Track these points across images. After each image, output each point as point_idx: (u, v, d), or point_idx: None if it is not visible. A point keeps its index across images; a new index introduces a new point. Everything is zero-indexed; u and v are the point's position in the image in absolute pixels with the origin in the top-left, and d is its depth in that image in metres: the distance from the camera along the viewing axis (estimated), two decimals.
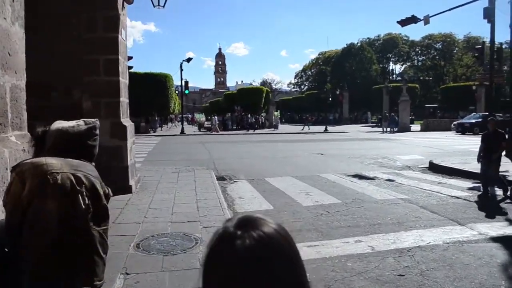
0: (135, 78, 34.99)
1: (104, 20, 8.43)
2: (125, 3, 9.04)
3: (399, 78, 77.96)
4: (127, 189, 8.59)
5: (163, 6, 9.65)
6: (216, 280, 0.84)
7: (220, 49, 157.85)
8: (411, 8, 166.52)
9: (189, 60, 35.08)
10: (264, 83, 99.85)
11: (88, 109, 8.53)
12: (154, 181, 10.24)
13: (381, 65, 78.14)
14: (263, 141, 26.28)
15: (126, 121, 9.17)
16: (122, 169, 8.62)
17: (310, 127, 42.41)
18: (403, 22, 18.33)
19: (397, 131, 35.77)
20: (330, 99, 43.25)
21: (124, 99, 9.06)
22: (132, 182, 8.86)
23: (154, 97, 35.23)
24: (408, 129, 37.97)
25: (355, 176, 11.92)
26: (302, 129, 40.60)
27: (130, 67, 12.54)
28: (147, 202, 7.86)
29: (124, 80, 9.08)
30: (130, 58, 12.12)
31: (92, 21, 8.46)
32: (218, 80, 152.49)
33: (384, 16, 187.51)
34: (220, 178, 11.67)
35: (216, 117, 42.95)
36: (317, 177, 11.62)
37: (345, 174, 12.22)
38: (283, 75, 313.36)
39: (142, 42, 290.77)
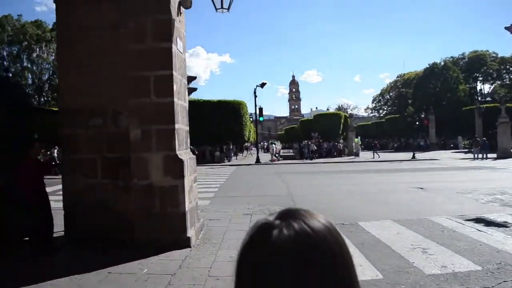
0: (208, 106, 34.17)
1: (154, 25, 6.64)
2: (181, 7, 7.24)
3: (488, 98, 71.15)
4: (184, 243, 6.58)
5: (228, 9, 7.74)
6: (247, 269, 0.76)
7: (293, 76, 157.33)
8: (485, 24, 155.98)
9: (262, 85, 33.45)
10: (339, 108, 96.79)
11: (136, 139, 6.70)
12: (220, 227, 8.15)
13: (467, 85, 71.76)
14: (345, 171, 23.54)
15: (185, 153, 7.23)
16: (178, 216, 6.63)
17: (380, 153, 38.91)
18: None
19: (488, 158, 31.58)
20: (417, 123, 39.20)
21: (181, 126, 7.15)
22: (191, 233, 6.82)
23: (228, 125, 33.94)
24: (509, 155, 33.17)
25: (477, 221, 9.04)
26: (373, 157, 36.98)
27: (193, 89, 10.96)
28: (208, 264, 5.75)
29: (181, 103, 7.20)
30: (193, 78, 10.59)
31: (140, 28, 6.72)
32: (293, 107, 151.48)
33: (465, 35, 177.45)
34: None
35: (274, 145, 41.34)
36: (428, 222, 8.94)
37: (462, 217, 9.38)
38: (357, 101, 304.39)
39: (218, 73, 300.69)
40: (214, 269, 5.52)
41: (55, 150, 21.78)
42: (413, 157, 33.75)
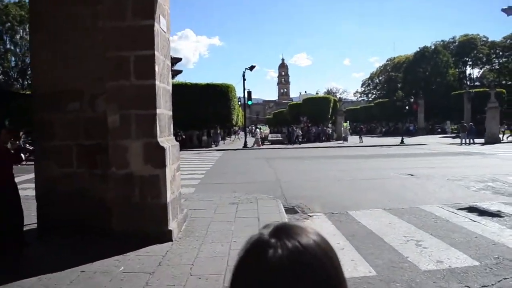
0: (196, 89, 33.46)
1: (134, 1, 6.11)
2: None
3: (477, 83, 71.38)
4: (165, 236, 6.18)
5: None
6: (242, 284, 0.80)
7: (283, 59, 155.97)
8: (479, 7, 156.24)
9: (252, 68, 32.84)
10: (329, 92, 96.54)
11: (115, 126, 6.23)
12: (205, 218, 7.75)
13: (457, 70, 71.67)
14: (334, 156, 23.25)
15: (167, 140, 6.78)
16: (159, 208, 6.21)
17: (368, 138, 38.82)
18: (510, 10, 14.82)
19: (475, 143, 31.92)
20: (407, 107, 38.99)
21: (164, 111, 6.68)
22: (173, 225, 6.42)
23: (216, 109, 33.34)
24: (498, 140, 33.27)
25: (470, 210, 8.85)
26: (360, 142, 36.79)
27: (178, 71, 10.41)
28: (190, 260, 5.37)
29: (164, 86, 6.72)
30: (178, 60, 10.03)
31: (119, 4, 6.19)
32: (282, 91, 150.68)
33: (456, 18, 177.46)
34: (290, 211, 9.14)
35: (259, 129, 40.65)
36: (420, 212, 8.70)
37: (454, 206, 9.18)
38: (347, 85, 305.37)
39: (207, 56, 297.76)
40: (196, 266, 5.13)
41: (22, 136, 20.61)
42: (402, 142, 33.67)
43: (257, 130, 39.69)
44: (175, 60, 11.23)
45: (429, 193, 10.90)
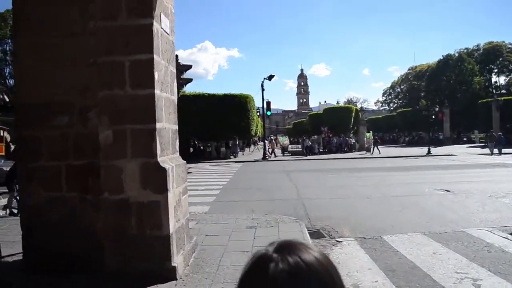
0: (214, 100, 32.65)
1: None
2: None
3: (503, 91, 68.87)
4: (168, 274, 5.14)
5: None
6: None
7: (302, 69, 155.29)
8: (503, 14, 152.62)
9: (270, 77, 31.84)
10: (349, 102, 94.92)
11: (107, 143, 5.26)
12: (217, 247, 6.69)
13: (482, 78, 69.29)
14: (358, 169, 21.95)
15: (171, 159, 5.78)
16: (160, 240, 5.19)
17: (391, 148, 37.22)
18: None
19: (502, 153, 30.19)
20: (433, 116, 37.36)
21: (166, 125, 5.69)
22: (177, 260, 5.39)
23: (234, 120, 32.43)
24: None
25: None
26: (372, 153, 35.27)
27: (188, 80, 9.45)
28: None
29: (166, 95, 5.74)
30: (188, 67, 9.10)
31: (111, 2, 5.25)
32: (301, 101, 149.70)
33: (477, 26, 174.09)
34: (315, 234, 8.10)
35: (266, 141, 37.82)
36: (467, 237, 7.50)
37: (505, 230, 8.02)
38: (366, 95, 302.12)
39: (226, 68, 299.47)
40: None
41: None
42: (429, 152, 32.07)
43: (265, 141, 37.16)
44: (184, 68, 10.37)
45: (472, 213, 9.63)
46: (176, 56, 9.60)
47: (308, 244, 0.89)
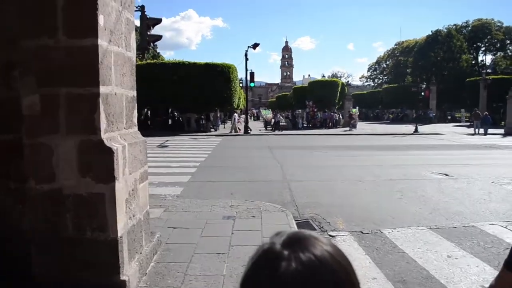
0: (194, 69, 30.87)
1: None
2: None
3: (489, 70, 68.36)
4: None
5: None
6: None
7: (286, 42, 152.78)
8: None
9: (255, 46, 30.09)
10: (334, 76, 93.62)
11: (33, 113, 3.81)
12: (186, 246, 5.38)
13: (469, 55, 68.42)
14: (346, 147, 20.74)
15: (124, 136, 4.36)
16: (105, 246, 3.83)
17: (376, 125, 36.17)
18: None
19: (488, 133, 29.56)
20: (422, 93, 36.25)
21: (118, 89, 4.23)
22: (130, 270, 4.06)
23: (216, 91, 30.76)
24: None
25: None
26: (349, 130, 34.14)
27: (157, 37, 7.99)
28: None
29: (118, 50, 4.26)
30: (157, 21, 7.60)
31: None
32: (285, 74, 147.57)
33: (465, 2, 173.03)
34: (305, 226, 7.05)
35: (236, 114, 36.00)
36: (480, 234, 6.48)
37: None
38: (350, 70, 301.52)
39: (210, 38, 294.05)
40: None
41: None
42: (416, 130, 31.12)
43: (235, 115, 35.13)
44: (152, 21, 8.78)
45: (479, 203, 8.53)
46: (143, 6, 7.97)
47: (318, 236, 0.78)
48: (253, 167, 13.26)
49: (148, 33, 7.59)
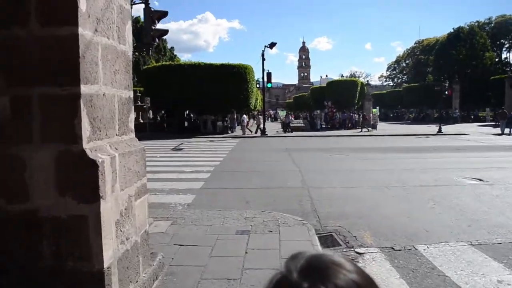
0: (210, 70, 30.28)
1: None
2: None
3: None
4: None
5: None
6: None
7: (304, 42, 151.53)
8: None
9: (272, 45, 29.29)
10: (352, 76, 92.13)
11: (3, 119, 3.15)
12: (192, 270, 4.66)
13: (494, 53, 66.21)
14: (367, 149, 19.79)
15: (115, 145, 3.66)
16: (89, 279, 3.14)
17: (397, 125, 34.80)
18: None
19: None
20: (446, 92, 34.93)
21: (104, 89, 3.52)
22: None
23: (232, 92, 30.08)
24: None
25: None
26: (360, 131, 32.85)
27: (163, 32, 7.31)
28: None
29: (108, 42, 3.57)
30: (162, 14, 6.90)
31: None
32: (302, 75, 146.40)
33: (486, 1, 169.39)
34: (328, 241, 6.38)
35: (245, 115, 33.86)
36: None
37: None
38: (368, 70, 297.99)
39: (227, 40, 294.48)
40: None
41: None
42: (439, 130, 29.89)
43: (244, 116, 33.08)
44: (157, 14, 8.05)
45: None
46: None
47: (342, 261, 0.67)
48: (270, 172, 12.51)
49: (153, 27, 6.94)
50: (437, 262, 5.21)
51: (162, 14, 6.84)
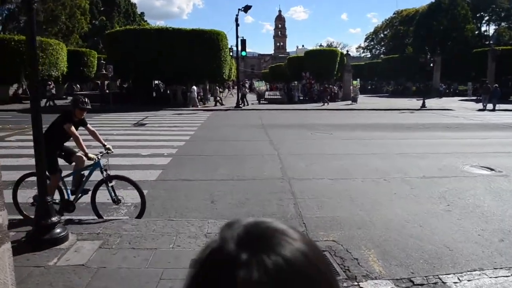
0: (180, 36, 27.68)
1: None
2: None
3: (491, 41, 65.28)
4: None
5: None
6: None
7: (280, 11, 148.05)
8: None
9: (246, 9, 26.77)
10: (330, 47, 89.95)
11: None
12: None
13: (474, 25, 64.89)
14: (352, 126, 17.89)
15: None
16: None
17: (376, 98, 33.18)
18: None
19: (496, 109, 27.12)
20: (431, 64, 33.24)
21: None
22: None
23: (204, 60, 27.63)
24: None
25: None
26: (322, 105, 30.92)
27: None
28: None
29: None
30: None
31: None
32: (278, 44, 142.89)
33: None
34: None
35: (195, 87, 30.00)
36: None
37: None
38: (344, 41, 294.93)
39: (202, 7, 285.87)
40: None
41: None
42: (423, 105, 28.35)
43: (193, 87, 29.53)
44: None
45: None
46: None
47: (285, 228, 0.56)
48: (243, 156, 10.52)
49: None
50: None
51: None
